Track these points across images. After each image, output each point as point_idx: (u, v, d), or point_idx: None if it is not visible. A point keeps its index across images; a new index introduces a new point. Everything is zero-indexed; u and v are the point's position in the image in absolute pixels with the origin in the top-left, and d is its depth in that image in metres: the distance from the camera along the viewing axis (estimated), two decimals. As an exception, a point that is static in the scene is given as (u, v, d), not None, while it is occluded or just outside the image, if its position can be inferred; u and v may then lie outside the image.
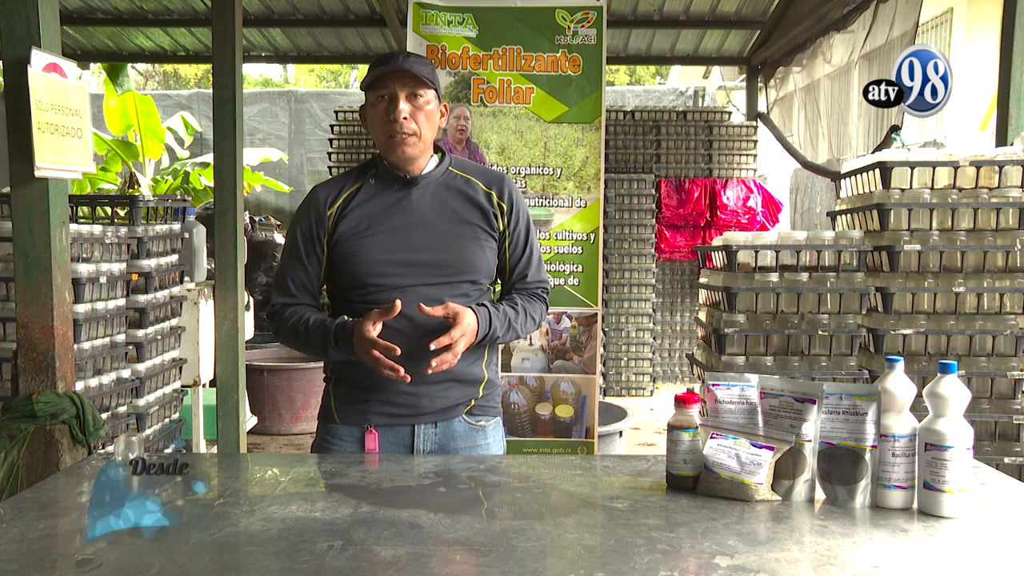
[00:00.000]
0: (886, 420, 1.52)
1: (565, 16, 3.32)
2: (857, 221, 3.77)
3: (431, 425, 1.92)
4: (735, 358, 3.43)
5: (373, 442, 1.91)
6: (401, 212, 1.90)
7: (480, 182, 1.97)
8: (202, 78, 18.92)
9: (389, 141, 1.87)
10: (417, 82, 1.86)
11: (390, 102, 1.86)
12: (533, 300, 2.01)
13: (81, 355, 3.11)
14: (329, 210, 1.92)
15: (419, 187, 1.92)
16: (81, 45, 8.04)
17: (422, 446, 1.92)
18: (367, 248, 1.88)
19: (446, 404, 1.91)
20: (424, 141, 1.90)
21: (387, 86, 1.86)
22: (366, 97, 1.91)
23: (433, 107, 1.91)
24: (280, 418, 5.89)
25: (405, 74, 1.85)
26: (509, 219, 1.97)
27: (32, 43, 2.62)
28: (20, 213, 2.71)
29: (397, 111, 1.84)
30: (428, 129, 1.90)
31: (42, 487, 1.66)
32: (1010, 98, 3.94)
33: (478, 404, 1.97)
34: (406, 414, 1.90)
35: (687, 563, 1.28)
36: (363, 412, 1.91)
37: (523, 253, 2.01)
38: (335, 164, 7.57)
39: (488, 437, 2.00)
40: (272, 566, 1.27)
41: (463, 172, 1.98)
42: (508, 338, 1.96)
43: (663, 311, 7.59)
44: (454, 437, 1.94)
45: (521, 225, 1.99)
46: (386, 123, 1.86)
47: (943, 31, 8.34)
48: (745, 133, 7.53)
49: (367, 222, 1.90)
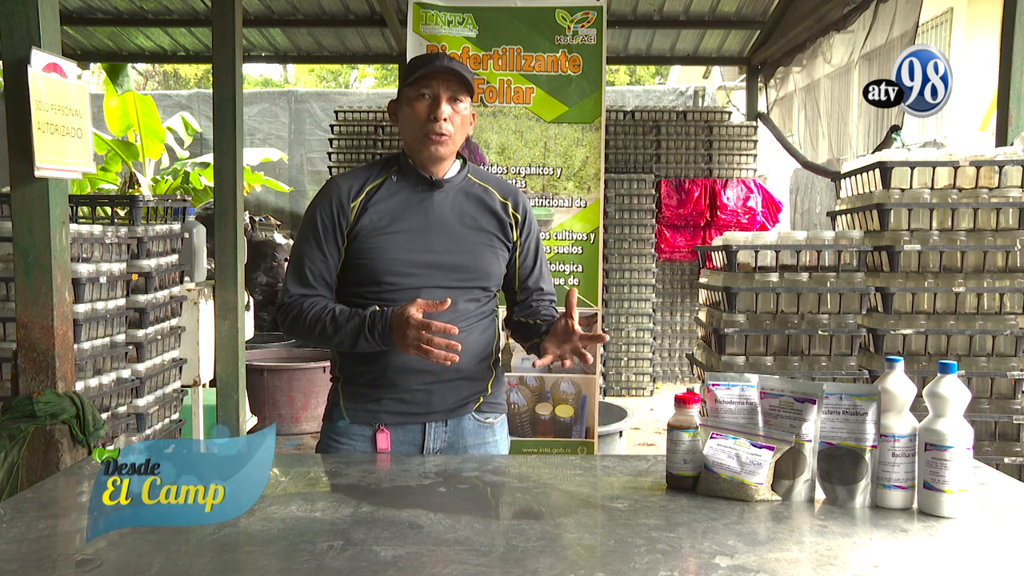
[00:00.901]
0: (886, 420, 1.52)
1: (565, 16, 3.32)
2: (857, 221, 3.77)
3: (442, 423, 1.93)
4: (735, 358, 3.43)
5: (385, 441, 1.90)
6: (423, 213, 1.90)
7: (497, 192, 2.00)
8: (202, 78, 18.92)
9: (424, 139, 1.86)
10: (461, 86, 1.87)
11: (432, 101, 1.86)
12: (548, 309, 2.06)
13: (81, 355, 3.11)
14: (353, 202, 1.89)
15: (442, 190, 1.93)
16: (81, 45, 8.04)
17: (432, 444, 1.93)
18: (386, 245, 1.87)
19: (457, 402, 1.93)
20: (455, 145, 1.91)
21: (431, 85, 1.85)
22: (404, 93, 1.89)
23: (468, 113, 1.92)
24: (280, 418, 5.89)
25: (451, 76, 1.85)
26: (522, 231, 2.00)
27: (32, 43, 2.63)
28: (20, 213, 2.71)
29: (439, 110, 1.84)
30: (460, 134, 1.91)
31: (42, 487, 1.66)
32: (1010, 98, 3.94)
33: (487, 401, 1.99)
34: (417, 412, 1.90)
35: (687, 563, 1.28)
36: (374, 411, 1.90)
37: (534, 264, 2.04)
38: (335, 164, 7.57)
39: (496, 434, 2.02)
40: (272, 566, 1.27)
41: (481, 181, 2.00)
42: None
43: (663, 311, 7.59)
44: (463, 435, 1.95)
45: (532, 238, 2.04)
46: (425, 121, 1.86)
47: (943, 31, 8.34)
48: (745, 133, 7.53)
49: (388, 218, 1.88)
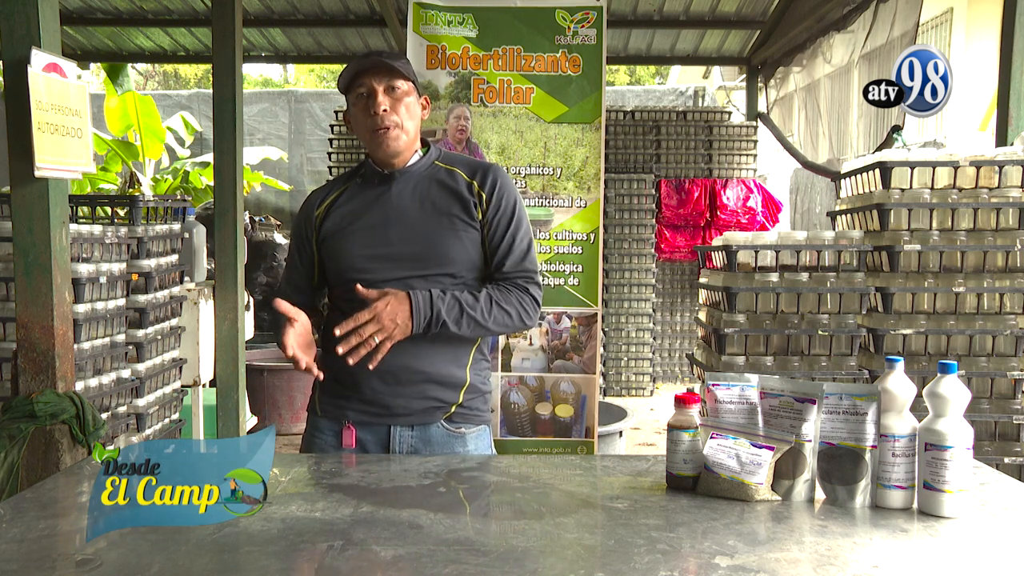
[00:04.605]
0: (886, 420, 1.52)
1: (565, 16, 3.31)
2: (857, 221, 3.77)
3: (407, 428, 1.89)
4: (735, 358, 3.43)
5: (350, 438, 1.90)
6: (380, 207, 1.91)
7: (464, 172, 1.94)
8: (202, 78, 18.92)
9: (374, 136, 1.87)
10: (392, 74, 1.86)
11: (368, 97, 1.86)
12: (508, 291, 1.89)
13: (81, 355, 3.11)
14: (317, 211, 1.97)
15: (399, 181, 1.92)
16: (81, 45, 8.04)
17: (398, 448, 1.90)
18: (347, 244, 1.90)
19: (422, 407, 1.88)
20: (408, 133, 1.89)
21: (364, 83, 1.86)
22: (347, 100, 1.92)
23: (412, 99, 1.90)
24: (280, 418, 5.89)
25: (379, 67, 1.86)
26: (488, 206, 1.90)
27: (32, 43, 2.63)
28: (20, 213, 2.71)
29: (376, 104, 1.84)
30: (410, 120, 1.89)
31: (42, 487, 1.66)
32: (1010, 98, 3.94)
33: (458, 411, 1.91)
34: (381, 414, 1.89)
35: (687, 563, 1.28)
36: (342, 408, 1.91)
37: (502, 240, 1.90)
38: (335, 164, 7.57)
39: (468, 445, 1.93)
40: (272, 566, 1.27)
41: (448, 164, 1.96)
42: (469, 328, 1.83)
43: (663, 311, 7.60)
44: (431, 442, 1.90)
45: (503, 213, 1.91)
46: (368, 118, 1.86)
47: (943, 31, 8.34)
48: (745, 133, 7.53)
49: (348, 219, 1.92)
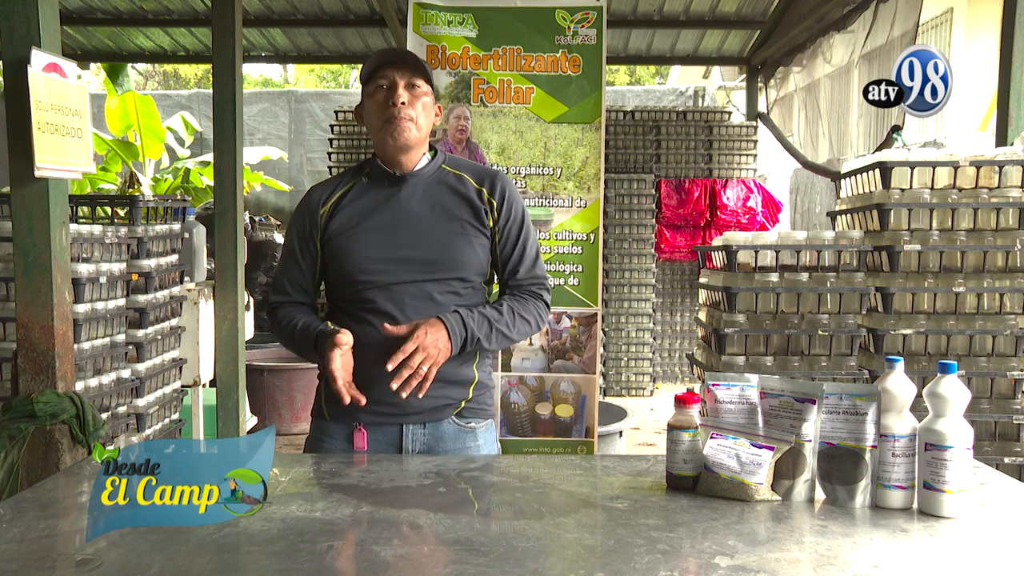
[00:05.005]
0: (886, 420, 1.52)
1: (565, 16, 3.31)
2: (857, 221, 3.77)
3: (419, 425, 1.91)
4: (735, 358, 3.43)
5: (362, 440, 1.90)
6: (390, 209, 1.91)
7: (472, 178, 1.96)
8: (202, 78, 18.92)
9: (386, 125, 1.86)
10: (416, 72, 1.88)
11: (389, 89, 1.87)
12: (525, 300, 1.96)
13: (81, 355, 3.11)
14: (322, 208, 1.94)
15: (409, 184, 1.92)
16: (81, 45, 8.04)
17: (410, 446, 1.91)
18: (356, 245, 1.89)
19: (434, 405, 1.90)
20: (420, 131, 1.90)
21: (386, 75, 1.87)
22: (364, 92, 1.92)
23: (429, 100, 1.92)
24: (280, 418, 5.89)
25: (404, 62, 1.88)
26: (499, 215, 1.94)
27: (32, 43, 2.63)
28: (20, 213, 2.71)
29: (396, 95, 1.85)
30: (424, 120, 1.90)
31: (42, 487, 1.66)
32: (1010, 98, 3.94)
33: (468, 406, 1.95)
34: (394, 413, 1.89)
35: (687, 563, 1.28)
36: (352, 410, 1.90)
37: (514, 249, 1.96)
38: (335, 164, 7.57)
39: (479, 439, 1.97)
40: (272, 566, 1.27)
41: (456, 169, 1.98)
42: (498, 342, 1.91)
43: (663, 311, 7.60)
44: (443, 439, 1.93)
45: (513, 221, 1.96)
46: (384, 109, 1.86)
47: (943, 31, 8.34)
48: (745, 133, 7.54)
49: (356, 219, 1.91)
